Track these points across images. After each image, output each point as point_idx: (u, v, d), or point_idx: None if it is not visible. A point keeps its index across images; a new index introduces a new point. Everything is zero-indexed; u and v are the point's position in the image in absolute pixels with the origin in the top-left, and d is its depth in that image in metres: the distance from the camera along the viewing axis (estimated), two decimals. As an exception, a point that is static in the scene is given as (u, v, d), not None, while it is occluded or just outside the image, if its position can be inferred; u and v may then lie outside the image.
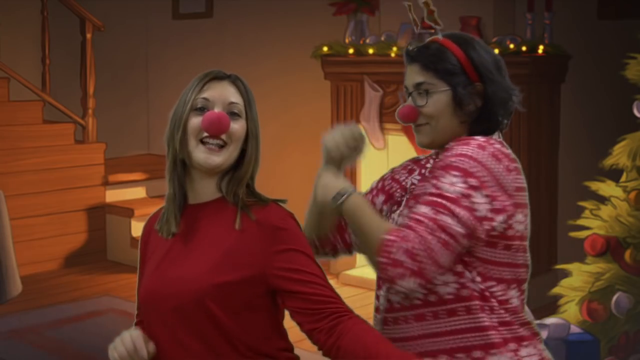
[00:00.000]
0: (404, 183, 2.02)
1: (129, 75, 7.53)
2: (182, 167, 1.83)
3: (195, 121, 1.79)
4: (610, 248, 3.64)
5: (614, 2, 5.04)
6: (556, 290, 3.79)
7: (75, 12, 6.47)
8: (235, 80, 1.88)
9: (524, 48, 5.02)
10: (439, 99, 1.92)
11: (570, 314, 3.66)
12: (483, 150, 1.81)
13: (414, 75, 1.95)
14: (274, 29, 6.51)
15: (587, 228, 3.73)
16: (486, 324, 1.87)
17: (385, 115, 5.67)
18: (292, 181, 6.42)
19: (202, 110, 1.80)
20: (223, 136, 1.79)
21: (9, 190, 4.94)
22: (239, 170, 1.83)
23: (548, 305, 4.16)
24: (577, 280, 3.71)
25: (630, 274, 3.61)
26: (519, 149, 5.11)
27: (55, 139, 6.19)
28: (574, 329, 3.35)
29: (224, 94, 1.84)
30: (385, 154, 5.92)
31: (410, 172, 2.04)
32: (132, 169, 6.57)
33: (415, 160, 2.07)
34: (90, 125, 6.44)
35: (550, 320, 3.33)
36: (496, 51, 5.18)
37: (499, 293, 1.91)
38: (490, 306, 1.88)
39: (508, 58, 5.03)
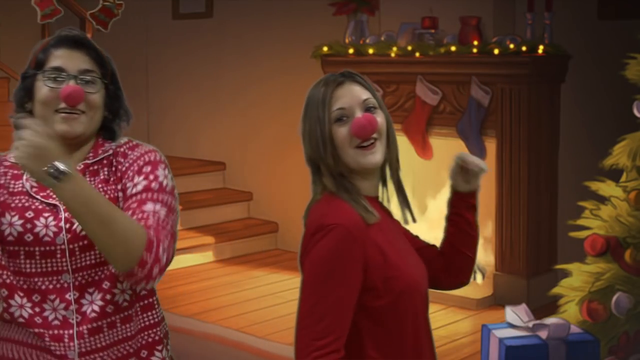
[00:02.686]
0: (17, 189, 1.91)
1: (129, 75, 7.50)
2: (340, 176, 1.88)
3: (343, 131, 1.84)
4: (610, 248, 3.64)
5: (614, 2, 5.04)
6: (556, 290, 3.78)
7: (75, 12, 6.47)
8: (355, 78, 1.90)
9: (524, 48, 5.03)
10: (101, 93, 1.92)
11: (570, 314, 3.66)
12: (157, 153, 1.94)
13: (78, 61, 1.90)
14: (274, 29, 6.51)
15: (587, 228, 3.73)
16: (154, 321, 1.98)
17: (385, 115, 5.67)
18: (292, 181, 6.42)
19: (342, 119, 1.84)
20: (374, 134, 1.85)
21: (9, 190, 4.93)
22: (390, 158, 1.91)
23: (548, 305, 4.16)
24: (577, 280, 3.71)
25: (630, 274, 3.61)
26: (519, 149, 5.12)
27: (55, 139, 6.19)
28: (574, 329, 3.34)
29: (354, 95, 1.87)
30: (385, 154, 5.93)
31: (15, 177, 1.93)
32: (132, 169, 6.56)
33: (9, 165, 1.94)
34: (90, 125, 6.45)
35: (550, 320, 3.33)
36: (496, 51, 5.21)
37: None
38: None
39: (508, 58, 5.11)
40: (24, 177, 1.91)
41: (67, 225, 1.84)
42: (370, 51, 5.57)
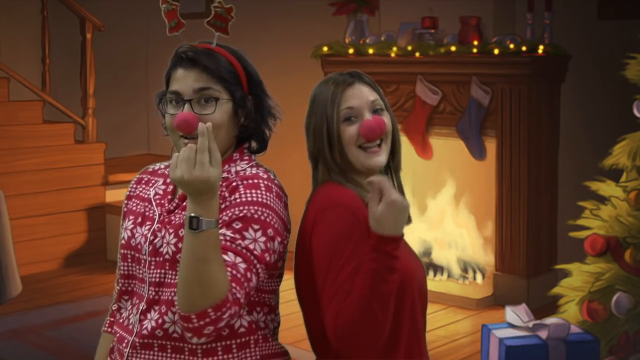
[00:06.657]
0: (146, 196, 1.94)
1: (129, 75, 7.52)
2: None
3: (350, 130, 1.86)
4: (610, 248, 3.64)
5: (614, 2, 5.04)
6: (556, 290, 3.78)
7: (75, 12, 6.47)
8: (363, 79, 1.92)
9: (524, 48, 5.02)
10: (224, 109, 1.84)
11: (570, 314, 3.66)
12: (271, 193, 1.80)
13: (192, 81, 1.85)
14: (274, 29, 6.50)
15: (587, 228, 3.73)
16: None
17: (385, 115, 5.67)
18: (292, 181, 6.41)
19: (350, 119, 1.87)
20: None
21: (9, 190, 4.93)
22: (395, 160, 1.92)
23: (548, 305, 4.17)
24: (577, 280, 3.71)
25: (630, 274, 3.61)
26: (519, 149, 5.12)
27: (55, 139, 6.19)
28: (574, 329, 3.34)
29: (364, 96, 1.89)
30: (385, 154, 5.92)
31: (148, 183, 1.97)
32: (132, 169, 6.55)
33: (151, 171, 2.01)
34: (90, 125, 6.44)
35: (550, 320, 3.33)
36: (496, 51, 5.21)
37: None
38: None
39: (508, 58, 5.11)
40: (155, 185, 1.93)
41: (152, 237, 1.83)
42: (370, 51, 5.57)
